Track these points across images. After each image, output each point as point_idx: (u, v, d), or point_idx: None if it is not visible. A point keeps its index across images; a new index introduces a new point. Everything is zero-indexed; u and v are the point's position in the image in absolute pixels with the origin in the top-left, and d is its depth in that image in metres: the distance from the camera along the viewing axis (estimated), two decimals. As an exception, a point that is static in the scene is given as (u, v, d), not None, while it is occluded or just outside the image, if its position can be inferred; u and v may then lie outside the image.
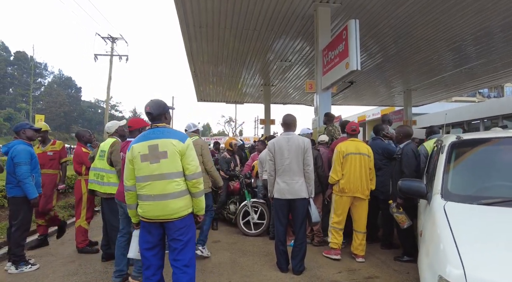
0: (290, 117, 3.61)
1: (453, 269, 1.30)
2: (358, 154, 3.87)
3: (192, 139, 4.29)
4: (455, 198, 1.90)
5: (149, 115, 2.39)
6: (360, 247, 3.84)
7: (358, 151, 3.90)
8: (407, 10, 6.55)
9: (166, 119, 2.44)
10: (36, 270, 3.54)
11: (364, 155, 3.90)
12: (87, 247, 4.22)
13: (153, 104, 2.38)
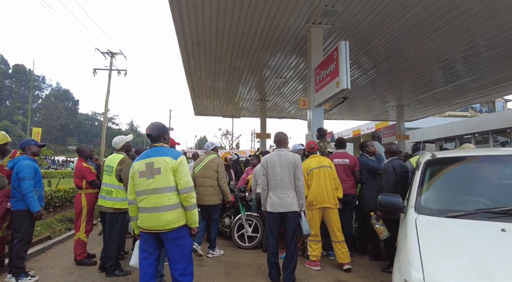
0: (281, 135, 3.85)
1: (416, 273, 1.49)
2: (320, 168, 4.20)
3: (210, 157, 4.78)
4: (426, 211, 2.10)
5: (150, 136, 2.64)
6: (342, 255, 4.05)
7: (320, 164, 4.23)
8: (398, 30, 6.85)
9: (165, 139, 2.68)
10: (36, 281, 3.64)
11: (326, 167, 4.23)
12: (85, 259, 4.33)
13: (152, 127, 2.65)
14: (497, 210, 1.91)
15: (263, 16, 6.25)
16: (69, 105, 73.56)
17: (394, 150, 4.15)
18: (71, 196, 8.05)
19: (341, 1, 5.74)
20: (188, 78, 10.50)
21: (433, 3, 5.77)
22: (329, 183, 4.13)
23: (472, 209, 2.00)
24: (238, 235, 5.25)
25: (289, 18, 6.37)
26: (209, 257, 4.63)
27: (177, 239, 2.49)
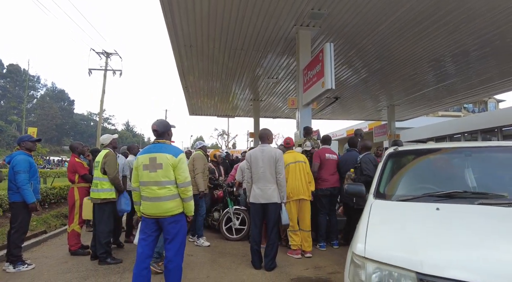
0: (265, 131, 4.12)
1: (360, 245, 1.74)
2: (296, 162, 4.50)
3: (193, 154, 5.27)
4: (382, 197, 2.36)
5: (155, 132, 2.91)
6: (306, 244, 4.40)
7: (296, 159, 4.55)
8: (384, 31, 7.02)
9: (169, 135, 2.98)
10: (32, 269, 3.86)
11: (301, 162, 4.56)
12: (79, 250, 4.56)
13: (159, 123, 2.92)
14: (438, 194, 2.16)
15: (253, 18, 6.47)
16: (65, 105, 73.30)
17: (368, 146, 4.53)
18: (65, 193, 8.24)
19: (327, 4, 5.96)
20: (181, 79, 10.69)
21: (418, 5, 5.91)
22: (304, 177, 4.48)
23: (420, 194, 2.26)
24: (226, 228, 5.49)
25: (278, 21, 6.60)
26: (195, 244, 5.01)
27: (174, 222, 2.79)
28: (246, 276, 3.63)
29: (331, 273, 3.72)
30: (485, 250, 1.55)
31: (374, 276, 1.63)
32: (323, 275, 3.67)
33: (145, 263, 2.82)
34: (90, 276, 3.64)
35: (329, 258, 4.37)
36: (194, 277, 3.60)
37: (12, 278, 3.59)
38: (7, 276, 3.65)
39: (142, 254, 2.82)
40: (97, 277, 3.59)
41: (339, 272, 3.73)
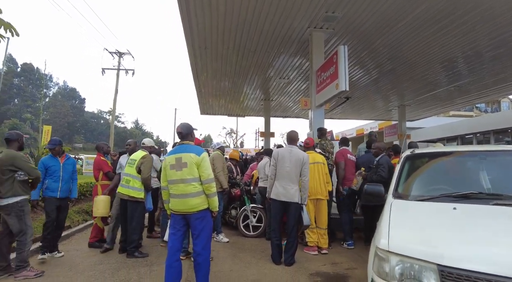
0: (294, 133, 4.42)
1: (383, 240, 1.91)
2: (314, 163, 4.64)
3: (212, 154, 5.49)
4: (400, 197, 2.52)
5: (180, 134, 3.18)
6: (322, 241, 4.56)
7: (314, 160, 4.69)
8: (399, 32, 7.07)
9: (192, 137, 3.22)
10: (67, 259, 4.22)
11: (320, 163, 4.71)
12: (96, 242, 4.88)
13: (183, 126, 3.20)
14: (456, 194, 2.32)
15: (268, 20, 6.62)
16: (76, 103, 74.58)
17: (384, 147, 4.66)
18: (85, 190, 8.57)
19: (341, 7, 6.09)
20: (195, 79, 10.91)
21: (434, 5, 5.93)
22: (322, 178, 4.64)
23: (437, 195, 2.41)
24: (244, 225, 5.70)
25: (292, 23, 6.75)
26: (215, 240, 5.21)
27: (200, 219, 3.00)
28: (267, 270, 3.83)
29: (348, 269, 3.89)
30: (501, 245, 1.71)
31: (397, 268, 1.80)
32: (340, 270, 3.85)
33: (175, 255, 3.03)
34: (121, 268, 3.89)
35: (345, 255, 4.55)
36: (218, 270, 3.82)
37: (51, 267, 3.89)
38: (46, 264, 3.97)
39: (173, 247, 3.04)
40: (128, 269, 3.84)
41: (355, 268, 3.90)
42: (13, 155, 3.62)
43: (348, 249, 4.83)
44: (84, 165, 21.34)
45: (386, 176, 4.23)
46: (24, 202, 3.65)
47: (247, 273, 3.76)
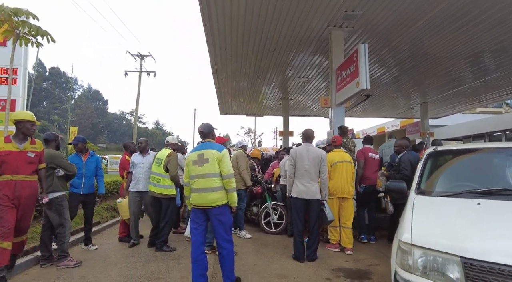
0: (310, 131, 4.45)
1: (406, 234, 1.97)
2: (343, 162, 4.66)
3: (236, 152, 5.68)
4: (423, 193, 2.56)
5: (202, 133, 3.37)
6: (347, 240, 4.56)
7: (343, 159, 4.70)
8: (420, 29, 6.94)
9: (212, 135, 3.41)
10: (101, 252, 4.49)
11: (348, 162, 4.73)
12: (125, 237, 5.13)
13: (204, 126, 3.39)
14: (479, 191, 2.33)
15: (287, 20, 6.70)
16: (99, 105, 77.13)
17: (407, 144, 4.64)
18: (112, 188, 8.98)
19: (360, 5, 6.08)
20: (215, 79, 11.12)
21: (456, 2, 5.79)
22: (349, 177, 4.65)
23: (461, 191, 2.43)
24: (265, 222, 5.83)
25: (311, 22, 6.79)
26: (238, 236, 5.39)
27: (219, 214, 3.14)
28: (290, 265, 3.94)
29: (370, 265, 3.93)
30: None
31: (420, 261, 1.86)
32: (362, 266, 3.90)
33: (200, 249, 3.18)
34: (151, 261, 4.11)
35: (367, 252, 4.58)
36: (243, 264, 3.97)
37: (87, 259, 4.17)
38: (83, 256, 4.27)
39: (196, 241, 3.19)
40: (157, 262, 4.06)
41: (378, 265, 3.94)
42: (52, 154, 3.91)
43: (371, 246, 4.85)
44: (109, 164, 22.18)
45: (409, 173, 4.23)
46: (62, 197, 3.94)
47: (270, 267, 3.88)
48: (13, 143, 3.29)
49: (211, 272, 3.65)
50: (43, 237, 3.96)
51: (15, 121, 3.32)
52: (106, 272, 3.67)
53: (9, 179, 3.20)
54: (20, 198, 3.25)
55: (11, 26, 4.43)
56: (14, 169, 3.23)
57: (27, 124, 3.33)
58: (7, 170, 3.20)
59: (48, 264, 3.89)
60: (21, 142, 3.35)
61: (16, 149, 3.28)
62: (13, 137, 3.34)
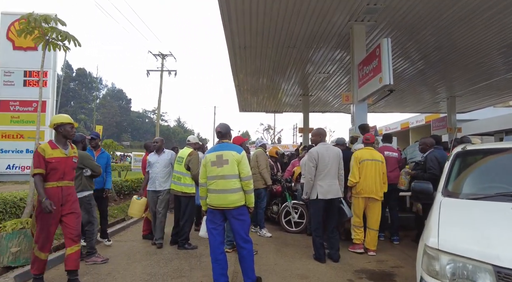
0: (323, 130, 4.39)
1: (433, 239, 1.89)
2: (373, 160, 4.49)
3: (255, 151, 5.69)
4: (451, 195, 2.43)
5: (219, 133, 3.37)
6: (372, 242, 4.42)
7: (373, 157, 4.53)
8: (448, 20, 6.64)
9: (230, 136, 3.42)
10: (126, 249, 4.64)
11: (378, 161, 4.53)
12: (148, 234, 5.24)
13: (222, 126, 3.40)
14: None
15: (307, 16, 6.59)
16: (123, 104, 79.41)
17: (432, 142, 4.52)
18: (136, 185, 9.24)
19: (383, -2, 5.89)
20: (234, 77, 11.16)
21: None
22: (378, 177, 4.47)
23: (493, 193, 2.30)
24: (285, 221, 5.80)
25: (332, 18, 6.65)
26: (258, 235, 5.40)
27: (238, 215, 3.16)
28: (311, 266, 3.90)
29: (394, 267, 3.83)
30: None
31: (448, 267, 1.78)
32: (386, 268, 3.80)
33: (219, 248, 3.19)
34: (174, 258, 4.20)
35: (391, 252, 4.46)
36: (264, 263, 3.97)
37: (113, 255, 4.33)
38: (108, 253, 4.43)
39: (215, 241, 3.20)
40: (180, 260, 4.14)
41: (402, 267, 3.83)
42: (81, 154, 4.05)
43: (394, 247, 4.73)
44: (133, 162, 22.90)
45: (438, 172, 4.08)
46: (90, 196, 4.11)
47: (291, 267, 3.86)
48: (60, 148, 3.24)
49: (232, 271, 3.68)
50: (72, 234, 4.15)
51: (55, 125, 3.26)
52: (131, 269, 3.79)
53: (56, 185, 3.16)
54: (66, 204, 3.23)
55: (41, 32, 4.62)
56: (61, 175, 3.19)
57: (67, 127, 3.28)
58: (54, 176, 3.16)
59: (78, 260, 4.07)
60: (65, 146, 3.31)
61: (63, 155, 3.24)
62: (56, 142, 3.28)
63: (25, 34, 4.63)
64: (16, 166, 11.04)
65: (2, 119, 11.16)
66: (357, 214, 4.46)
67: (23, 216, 4.08)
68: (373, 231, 4.44)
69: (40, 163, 3.10)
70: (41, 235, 3.13)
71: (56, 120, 3.29)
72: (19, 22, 4.59)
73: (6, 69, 11.32)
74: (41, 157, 3.10)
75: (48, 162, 3.11)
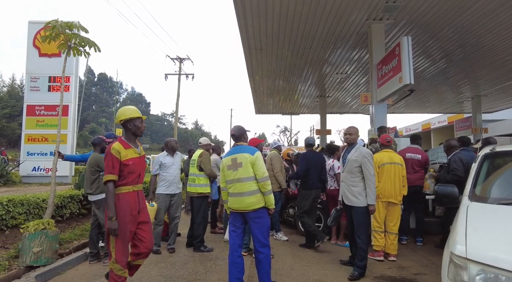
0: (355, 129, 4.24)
1: (460, 246, 1.76)
2: (392, 164, 4.34)
3: (270, 153, 5.61)
4: (478, 199, 2.28)
5: (233, 136, 3.36)
6: (391, 247, 4.25)
7: (392, 160, 4.37)
8: (472, 16, 6.38)
9: (244, 138, 3.38)
10: None
11: (397, 164, 4.37)
12: (165, 236, 5.17)
13: (236, 129, 3.38)
14: (549, 199, 2.03)
15: (324, 16, 6.48)
16: (142, 107, 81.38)
17: (454, 145, 4.41)
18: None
19: (402, -5, 5.71)
20: (250, 79, 11.15)
21: None
22: (397, 180, 4.32)
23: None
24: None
25: (349, 17, 6.52)
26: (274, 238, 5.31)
27: (257, 218, 3.10)
28: (328, 271, 3.79)
29: (417, 274, 3.65)
30: None
31: (478, 278, 1.66)
32: (407, 275, 3.63)
33: (237, 252, 3.17)
34: (189, 261, 4.19)
35: (412, 258, 4.28)
36: (279, 268, 3.89)
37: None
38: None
39: (234, 244, 3.18)
40: (195, 262, 4.13)
41: (425, 274, 3.64)
42: (98, 158, 4.14)
43: (416, 252, 4.52)
44: (151, 164, 23.34)
45: (462, 174, 3.88)
46: None
47: (308, 272, 3.76)
48: (133, 148, 2.82)
49: (247, 275, 3.62)
50: (91, 235, 4.22)
51: (124, 121, 2.80)
52: (147, 271, 3.80)
53: (132, 190, 2.77)
54: (142, 211, 2.86)
55: (65, 38, 4.76)
56: (136, 178, 2.80)
57: (136, 122, 2.83)
58: (130, 180, 2.74)
59: (96, 261, 4.13)
60: (135, 145, 2.87)
61: (137, 155, 2.83)
62: (127, 140, 2.83)
63: (49, 40, 4.78)
64: (41, 168, 11.44)
65: (28, 124, 11.63)
66: (376, 218, 4.31)
67: (45, 217, 4.18)
68: (392, 234, 4.29)
69: (114, 167, 2.64)
70: (123, 252, 2.73)
71: (124, 115, 2.81)
72: (44, 29, 4.75)
73: (33, 75, 11.80)
74: (116, 159, 2.65)
75: (125, 165, 2.69)
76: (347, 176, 3.80)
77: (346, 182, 3.80)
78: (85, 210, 5.86)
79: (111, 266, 2.74)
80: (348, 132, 3.84)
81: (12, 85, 47.82)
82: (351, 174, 3.76)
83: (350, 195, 3.74)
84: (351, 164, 3.75)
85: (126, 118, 2.80)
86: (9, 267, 3.68)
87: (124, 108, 2.90)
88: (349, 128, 3.87)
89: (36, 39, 11.83)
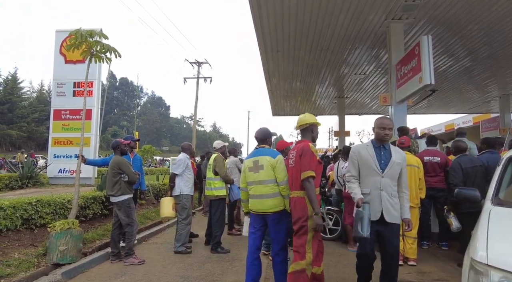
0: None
1: (481, 252, 1.69)
2: (409, 166, 4.12)
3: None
4: (502, 203, 2.19)
5: (257, 139, 3.40)
6: (410, 251, 4.10)
7: (408, 162, 4.14)
8: (499, 11, 6.15)
9: (267, 142, 3.39)
10: (162, 251, 4.80)
11: (414, 166, 4.22)
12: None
13: (260, 132, 3.40)
14: None
15: (341, 16, 6.42)
16: (162, 110, 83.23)
17: (462, 147, 4.26)
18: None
19: (422, -6, 5.59)
20: (267, 81, 11.18)
21: None
22: (414, 183, 4.18)
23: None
24: (320, 227, 5.63)
25: (367, 17, 6.43)
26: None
27: (275, 220, 3.10)
28: (346, 274, 3.73)
29: (437, 280, 3.54)
30: None
31: (499, 285, 1.60)
32: (427, 281, 3.53)
33: (255, 254, 3.19)
34: (206, 262, 4.26)
35: (433, 263, 4.14)
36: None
37: (150, 257, 4.51)
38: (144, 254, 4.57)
39: (253, 245, 3.20)
40: (212, 263, 4.19)
41: (447, 280, 3.52)
42: (118, 161, 4.29)
43: (437, 258, 4.38)
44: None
45: (460, 182, 3.86)
46: (130, 200, 4.32)
47: (325, 275, 3.71)
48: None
49: (263, 277, 3.63)
50: (112, 235, 4.37)
51: (305, 126, 3.01)
52: (165, 271, 3.89)
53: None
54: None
55: (87, 46, 4.97)
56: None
57: (316, 128, 3.08)
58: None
59: (117, 260, 4.27)
60: None
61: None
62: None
63: (73, 49, 5.01)
64: (66, 170, 11.91)
65: (55, 127, 12.15)
66: None
67: (70, 217, 4.37)
68: (411, 238, 4.13)
69: (316, 165, 2.80)
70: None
71: (307, 119, 3.02)
72: (69, 39, 5.00)
73: (59, 81, 12.33)
74: (315, 157, 2.79)
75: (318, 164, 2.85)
76: (389, 183, 2.80)
77: (388, 191, 2.78)
78: (107, 211, 6.06)
79: (304, 267, 2.70)
80: (388, 127, 2.83)
81: (40, 90, 50.13)
82: (393, 180, 2.83)
83: (393, 210, 2.77)
84: (395, 168, 2.82)
85: (310, 122, 3.02)
86: (38, 264, 3.86)
87: (307, 114, 3.11)
88: (389, 122, 2.90)
89: (62, 47, 12.34)
